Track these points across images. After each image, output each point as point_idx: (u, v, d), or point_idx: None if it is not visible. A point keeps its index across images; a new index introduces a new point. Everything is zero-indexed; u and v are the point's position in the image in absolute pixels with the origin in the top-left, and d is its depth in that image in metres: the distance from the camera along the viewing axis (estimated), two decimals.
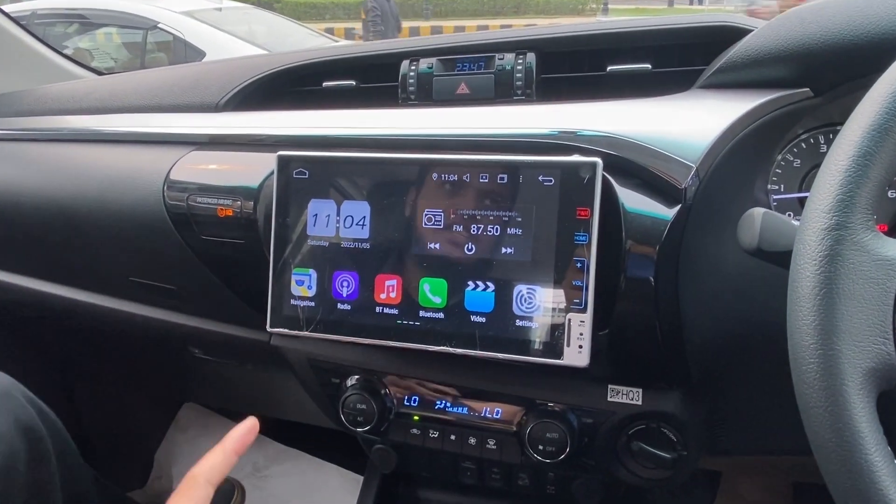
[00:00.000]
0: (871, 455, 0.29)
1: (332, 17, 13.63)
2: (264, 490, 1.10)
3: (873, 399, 0.31)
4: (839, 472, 0.30)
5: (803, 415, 0.32)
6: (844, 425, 0.30)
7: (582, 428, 0.53)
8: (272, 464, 1.15)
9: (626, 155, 0.48)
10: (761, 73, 0.50)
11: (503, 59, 0.62)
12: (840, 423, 0.30)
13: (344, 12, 14.23)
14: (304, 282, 0.53)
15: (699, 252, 0.48)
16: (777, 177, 0.51)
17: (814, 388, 0.31)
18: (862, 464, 0.29)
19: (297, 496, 1.10)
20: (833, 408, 0.30)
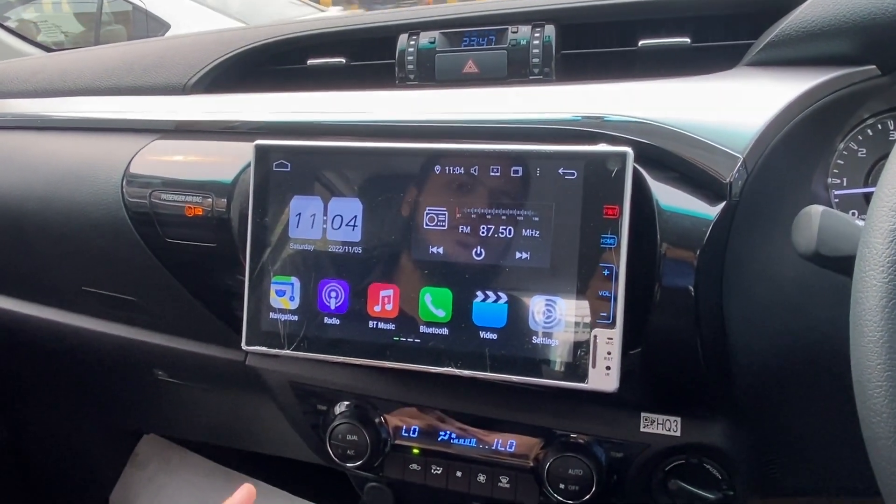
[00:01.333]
0: None
1: None
2: None
3: None
4: None
5: (869, 447, 0.32)
6: None
7: (610, 463, 0.53)
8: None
9: (660, 144, 0.49)
10: (819, 47, 0.51)
11: (517, 33, 0.62)
12: None
13: None
14: (286, 292, 0.54)
15: (747, 257, 0.48)
16: (839, 169, 0.51)
17: (881, 415, 0.31)
18: None
19: None
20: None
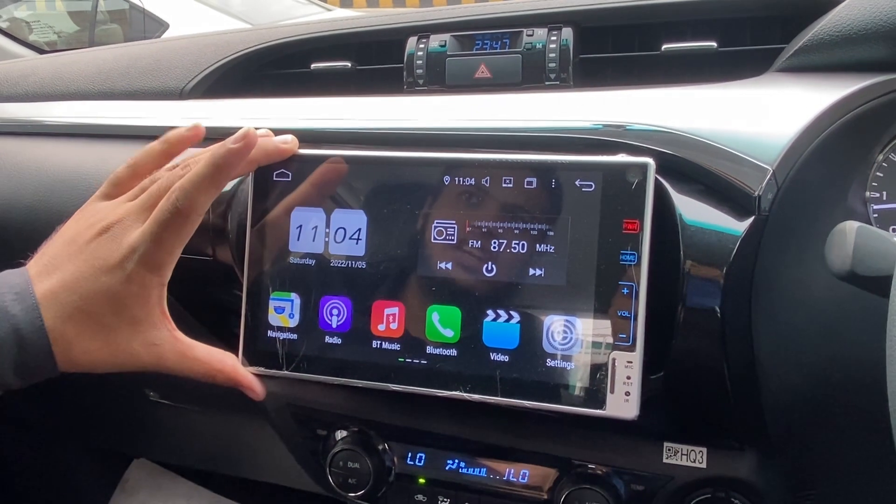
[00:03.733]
0: None
1: None
2: None
3: None
4: None
5: None
6: None
7: (631, 496, 0.53)
8: None
9: (684, 154, 0.49)
10: (857, 52, 0.51)
11: (533, 36, 0.63)
12: None
13: None
14: (285, 309, 0.54)
15: (777, 276, 0.48)
16: (878, 182, 0.51)
17: None
18: None
19: None
20: None
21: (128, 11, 3.64)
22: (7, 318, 0.45)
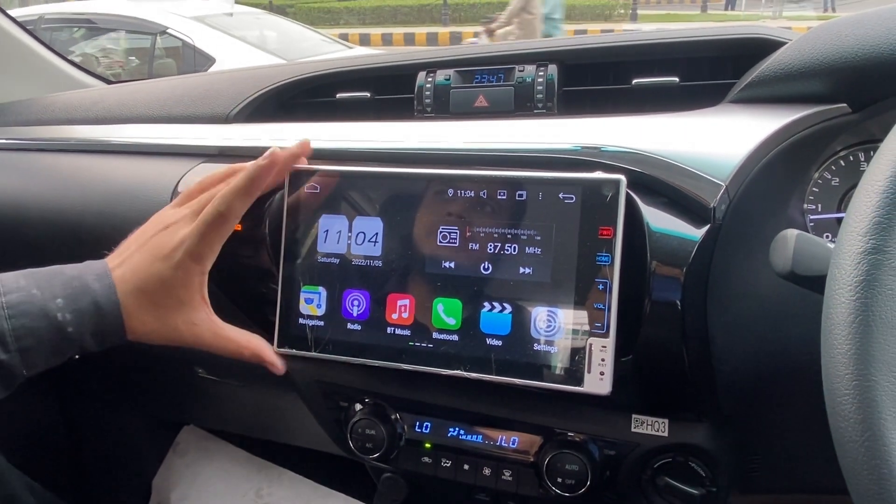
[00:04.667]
0: None
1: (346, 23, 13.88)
2: None
3: None
4: None
5: (838, 450, 0.32)
6: (882, 461, 0.30)
7: (604, 460, 0.53)
8: (275, 490, 1.15)
9: (651, 172, 0.49)
10: (795, 87, 0.51)
11: (523, 72, 0.63)
12: (877, 459, 0.30)
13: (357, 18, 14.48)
14: (314, 300, 0.54)
15: (729, 275, 0.48)
16: (814, 196, 0.51)
17: (849, 421, 0.31)
18: None
19: None
20: (869, 443, 0.30)
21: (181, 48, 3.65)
22: (89, 293, 0.49)
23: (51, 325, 0.47)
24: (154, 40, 3.71)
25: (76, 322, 0.48)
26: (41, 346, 0.47)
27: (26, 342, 0.46)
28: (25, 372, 0.48)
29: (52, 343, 0.48)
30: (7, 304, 0.46)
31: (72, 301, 0.48)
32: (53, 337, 0.47)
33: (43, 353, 0.48)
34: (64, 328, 0.47)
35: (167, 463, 1.23)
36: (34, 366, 0.48)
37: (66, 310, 0.48)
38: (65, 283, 0.49)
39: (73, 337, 0.48)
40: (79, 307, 0.48)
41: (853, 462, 0.31)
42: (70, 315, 0.48)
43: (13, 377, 0.47)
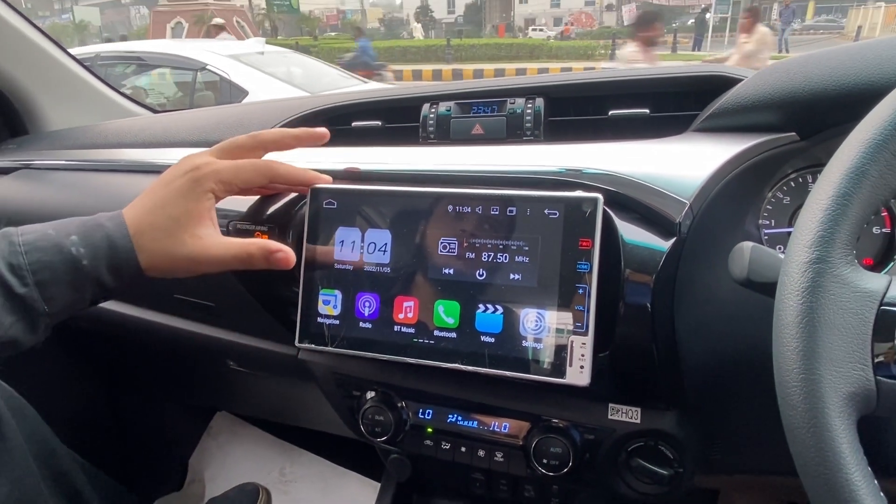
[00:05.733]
0: (852, 475, 0.29)
1: None
2: (289, 494, 1.10)
3: (853, 422, 0.30)
4: (822, 491, 0.30)
5: (788, 436, 0.32)
6: (826, 446, 0.30)
7: (584, 443, 0.52)
8: (297, 469, 1.15)
9: (625, 191, 0.49)
10: (750, 118, 0.51)
11: (514, 104, 0.63)
12: (822, 443, 0.30)
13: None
14: (331, 301, 0.54)
15: (693, 281, 0.48)
16: (767, 212, 0.51)
17: (797, 410, 0.31)
18: (843, 483, 0.29)
19: (318, 501, 1.09)
20: (815, 430, 0.30)
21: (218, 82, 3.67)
22: (102, 230, 0.46)
23: (65, 260, 0.44)
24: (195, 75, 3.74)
25: (90, 256, 0.45)
26: (57, 279, 0.44)
27: (43, 276, 0.43)
28: (46, 308, 0.44)
29: (69, 277, 0.44)
30: (23, 241, 0.43)
31: (85, 237, 0.45)
32: (69, 270, 0.44)
33: (60, 286, 0.44)
34: (79, 261, 0.44)
35: (202, 445, 1.23)
36: (53, 300, 0.44)
37: (80, 244, 0.44)
38: (78, 224, 0.46)
39: (88, 270, 0.45)
40: (92, 242, 0.45)
41: (801, 446, 0.31)
42: (84, 249, 0.44)
43: (35, 314, 0.43)
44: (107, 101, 1.07)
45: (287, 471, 1.15)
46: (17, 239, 0.43)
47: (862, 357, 0.31)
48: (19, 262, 0.42)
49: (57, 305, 0.44)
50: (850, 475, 0.29)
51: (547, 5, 42.68)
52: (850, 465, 0.29)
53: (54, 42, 0.86)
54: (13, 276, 0.42)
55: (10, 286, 0.41)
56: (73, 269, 0.44)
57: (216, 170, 0.49)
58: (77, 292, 0.45)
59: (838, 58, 0.48)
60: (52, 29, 20.88)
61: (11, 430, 0.64)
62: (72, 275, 0.44)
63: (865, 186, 0.32)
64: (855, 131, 0.33)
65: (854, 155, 0.32)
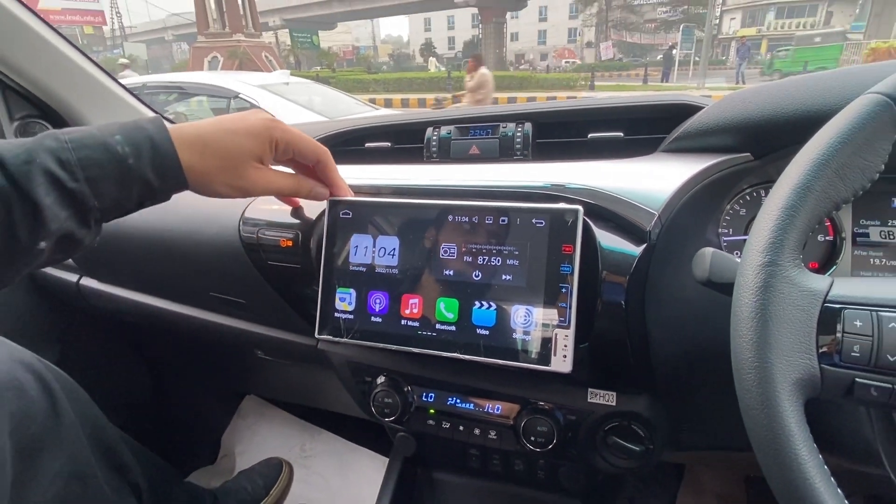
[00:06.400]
0: (800, 450, 0.29)
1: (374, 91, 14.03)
2: (309, 468, 1.10)
3: (801, 404, 0.30)
4: (773, 464, 0.30)
5: (744, 416, 0.32)
6: (777, 425, 0.30)
7: (566, 423, 0.52)
8: (315, 445, 1.15)
9: (602, 204, 0.49)
10: (710, 141, 0.51)
11: (506, 127, 0.63)
12: (773, 423, 0.30)
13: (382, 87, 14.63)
14: (346, 299, 0.54)
15: (661, 282, 0.48)
16: (726, 223, 0.51)
17: (752, 394, 0.31)
18: (792, 457, 0.29)
19: (334, 473, 1.09)
20: (767, 411, 0.30)
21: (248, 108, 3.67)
22: (144, 131, 0.42)
23: (112, 157, 0.40)
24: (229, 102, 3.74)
25: (135, 154, 0.41)
26: (106, 175, 0.40)
27: (92, 172, 0.39)
28: (97, 203, 0.40)
29: (116, 173, 0.40)
30: (70, 139, 0.39)
31: (129, 137, 0.41)
32: (116, 167, 0.40)
33: (108, 182, 0.40)
34: (125, 160, 0.41)
35: (233, 424, 1.22)
36: (102, 195, 0.40)
37: (125, 143, 0.41)
38: (121, 125, 0.42)
39: (133, 168, 0.41)
40: (135, 142, 0.41)
41: (755, 425, 0.31)
42: (129, 148, 0.41)
43: (86, 209, 0.40)
44: None
45: (307, 447, 1.15)
46: (63, 137, 0.40)
47: (808, 348, 0.31)
48: (68, 157, 0.39)
49: (106, 201, 0.41)
50: (797, 450, 0.29)
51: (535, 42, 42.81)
52: (798, 441, 0.29)
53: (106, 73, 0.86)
54: (63, 171, 0.38)
55: (62, 181, 0.38)
56: (120, 166, 0.41)
57: (285, 128, 0.48)
58: (124, 189, 0.41)
59: (786, 89, 0.48)
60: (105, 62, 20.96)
61: (66, 411, 0.64)
62: (119, 171, 0.41)
63: (810, 200, 0.32)
64: (801, 152, 0.33)
65: (800, 173, 0.32)
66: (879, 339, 0.30)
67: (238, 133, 0.46)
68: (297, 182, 0.51)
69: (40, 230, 0.38)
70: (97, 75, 0.84)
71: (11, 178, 0.36)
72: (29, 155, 0.38)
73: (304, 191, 0.52)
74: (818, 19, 35.06)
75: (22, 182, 0.37)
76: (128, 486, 0.73)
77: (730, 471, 0.89)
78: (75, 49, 0.81)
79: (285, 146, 0.49)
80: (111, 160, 0.40)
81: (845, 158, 0.32)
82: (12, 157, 0.37)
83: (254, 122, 0.47)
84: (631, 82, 16.42)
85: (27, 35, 0.75)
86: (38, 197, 0.37)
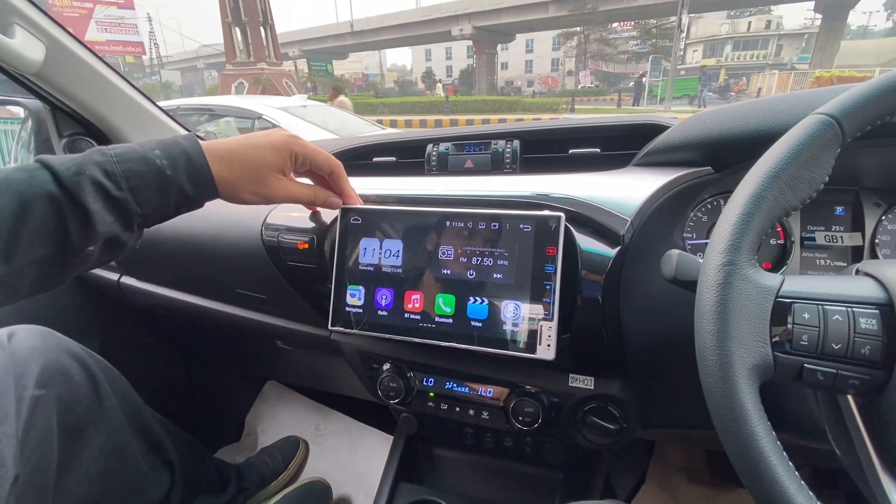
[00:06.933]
0: (756, 427, 0.29)
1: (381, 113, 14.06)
2: (322, 445, 1.09)
3: (756, 387, 0.30)
4: (732, 440, 0.30)
5: (706, 398, 0.32)
6: (735, 405, 0.30)
7: (550, 405, 0.52)
8: (329, 425, 1.14)
9: (581, 211, 0.49)
10: (676, 156, 0.51)
11: (497, 144, 0.63)
12: (732, 403, 0.30)
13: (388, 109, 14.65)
14: (356, 295, 0.54)
15: (634, 279, 0.48)
16: (690, 228, 0.51)
17: (713, 378, 0.31)
18: (748, 433, 0.29)
19: (345, 450, 1.08)
20: (726, 393, 0.30)
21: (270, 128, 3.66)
22: (180, 146, 0.43)
23: (152, 169, 0.41)
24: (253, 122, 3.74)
25: (172, 166, 0.41)
26: (147, 185, 0.40)
27: (134, 182, 0.40)
28: (139, 209, 0.40)
29: (156, 183, 0.41)
30: (115, 154, 0.40)
31: (166, 151, 0.42)
32: (155, 178, 0.41)
33: (149, 191, 0.41)
34: (163, 171, 0.41)
35: (255, 406, 1.22)
36: (144, 202, 0.41)
37: (163, 157, 0.41)
38: (159, 141, 0.43)
39: (171, 179, 0.41)
40: (172, 155, 0.42)
41: (716, 405, 0.31)
42: (166, 161, 0.41)
43: (130, 214, 0.40)
44: None
45: (321, 426, 1.14)
46: (109, 151, 0.40)
47: (762, 337, 0.31)
48: (114, 169, 0.39)
49: (147, 208, 0.41)
50: (753, 427, 0.29)
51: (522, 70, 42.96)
52: (754, 419, 0.29)
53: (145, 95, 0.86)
54: (109, 181, 0.39)
55: (108, 189, 0.39)
56: (159, 177, 0.41)
57: (303, 143, 0.48)
58: (163, 197, 0.42)
59: (742, 111, 0.48)
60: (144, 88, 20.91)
61: (107, 394, 0.64)
62: (158, 182, 0.41)
63: (763, 208, 0.32)
64: (755, 166, 0.34)
65: (755, 184, 0.32)
66: (825, 329, 0.30)
67: (262, 147, 0.46)
68: (314, 192, 0.51)
69: (90, 233, 0.38)
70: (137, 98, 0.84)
71: (64, 187, 0.37)
72: (79, 168, 0.38)
73: (321, 200, 0.52)
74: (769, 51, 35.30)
75: (73, 191, 0.37)
76: (162, 461, 0.72)
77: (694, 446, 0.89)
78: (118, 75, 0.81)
79: (304, 159, 0.49)
80: (151, 171, 0.41)
81: (794, 171, 0.32)
82: (64, 169, 0.38)
83: (275, 138, 0.47)
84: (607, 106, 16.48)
85: (76, 63, 0.75)
86: (88, 203, 0.37)
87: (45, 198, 0.36)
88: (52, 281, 0.39)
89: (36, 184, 0.36)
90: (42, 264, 0.37)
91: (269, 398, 1.23)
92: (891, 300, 0.30)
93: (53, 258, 0.37)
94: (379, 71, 46.50)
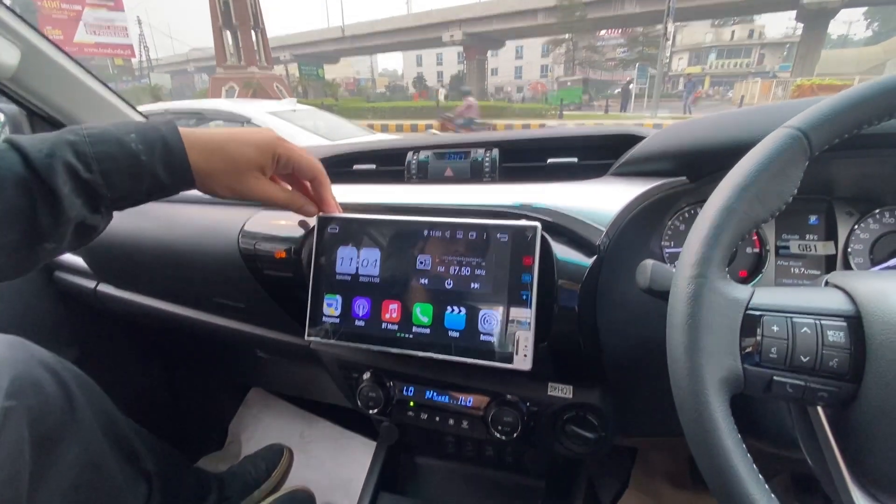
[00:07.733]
0: (725, 439, 0.29)
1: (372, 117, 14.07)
2: (307, 452, 1.08)
3: (726, 399, 0.30)
4: (702, 451, 0.29)
5: (678, 410, 0.31)
6: (705, 418, 0.29)
7: (529, 414, 0.52)
8: (313, 432, 1.12)
9: (558, 221, 0.49)
10: (652, 166, 0.51)
11: (477, 153, 0.63)
12: (702, 416, 0.29)
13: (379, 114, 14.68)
14: (333, 304, 0.53)
15: (610, 289, 0.48)
16: (668, 236, 0.51)
17: (684, 389, 0.30)
18: (718, 444, 0.29)
19: (329, 457, 1.07)
20: (696, 404, 0.30)
21: None
22: (158, 132, 0.41)
23: (126, 152, 0.39)
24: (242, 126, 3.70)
25: (147, 151, 0.40)
26: (119, 168, 0.39)
27: (106, 165, 0.38)
28: (108, 193, 0.39)
29: (129, 167, 0.39)
30: (88, 134, 0.38)
31: (143, 136, 0.40)
32: (129, 162, 0.39)
33: (121, 175, 0.39)
34: (138, 156, 0.39)
35: (239, 413, 1.20)
36: (114, 186, 0.39)
37: (139, 141, 0.40)
38: (136, 125, 0.41)
39: (145, 164, 0.40)
40: (149, 140, 0.40)
41: (687, 416, 0.30)
42: (142, 146, 0.40)
43: (98, 196, 0.39)
44: None
45: (306, 434, 1.13)
46: (82, 132, 0.39)
47: (732, 350, 0.31)
48: (85, 150, 0.38)
49: (118, 192, 0.39)
50: (723, 439, 0.29)
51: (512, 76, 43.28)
52: (724, 432, 0.29)
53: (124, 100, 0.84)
54: (80, 162, 0.37)
55: (78, 171, 0.37)
56: (133, 161, 0.39)
57: (288, 146, 0.47)
58: (136, 182, 0.40)
59: (715, 122, 0.48)
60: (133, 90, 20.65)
61: (81, 405, 0.62)
62: (131, 166, 0.39)
63: (733, 220, 0.32)
64: (725, 179, 0.33)
65: (724, 197, 0.32)
66: (793, 342, 0.30)
67: (245, 143, 0.45)
68: (291, 196, 0.50)
69: (60, 218, 0.37)
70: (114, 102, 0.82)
71: (35, 170, 0.36)
72: (51, 150, 0.37)
73: (296, 205, 0.51)
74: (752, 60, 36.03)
75: (44, 173, 0.36)
76: (139, 472, 0.70)
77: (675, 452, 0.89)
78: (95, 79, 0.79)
79: (286, 161, 0.48)
80: (125, 155, 0.39)
81: (763, 184, 0.32)
82: (35, 151, 0.36)
83: (261, 136, 0.46)
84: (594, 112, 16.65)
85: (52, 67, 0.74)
86: (57, 186, 0.36)
87: (13, 181, 0.35)
88: (21, 267, 0.37)
89: (4, 166, 0.35)
90: (9, 250, 0.36)
91: (253, 405, 1.21)
92: (858, 312, 0.30)
93: (21, 244, 0.36)
94: (370, 76, 46.51)
